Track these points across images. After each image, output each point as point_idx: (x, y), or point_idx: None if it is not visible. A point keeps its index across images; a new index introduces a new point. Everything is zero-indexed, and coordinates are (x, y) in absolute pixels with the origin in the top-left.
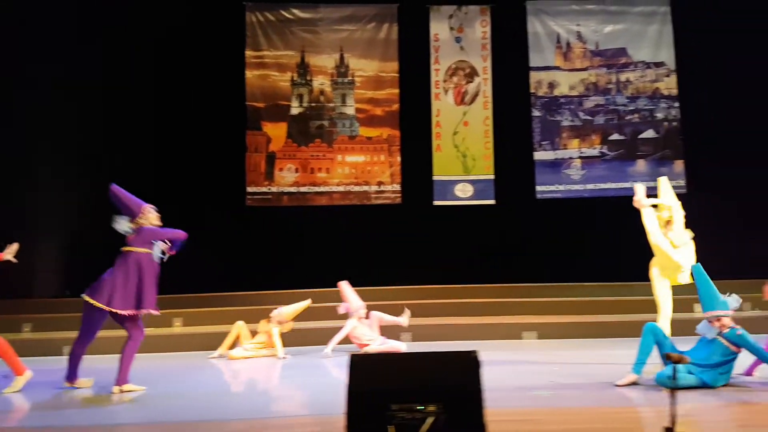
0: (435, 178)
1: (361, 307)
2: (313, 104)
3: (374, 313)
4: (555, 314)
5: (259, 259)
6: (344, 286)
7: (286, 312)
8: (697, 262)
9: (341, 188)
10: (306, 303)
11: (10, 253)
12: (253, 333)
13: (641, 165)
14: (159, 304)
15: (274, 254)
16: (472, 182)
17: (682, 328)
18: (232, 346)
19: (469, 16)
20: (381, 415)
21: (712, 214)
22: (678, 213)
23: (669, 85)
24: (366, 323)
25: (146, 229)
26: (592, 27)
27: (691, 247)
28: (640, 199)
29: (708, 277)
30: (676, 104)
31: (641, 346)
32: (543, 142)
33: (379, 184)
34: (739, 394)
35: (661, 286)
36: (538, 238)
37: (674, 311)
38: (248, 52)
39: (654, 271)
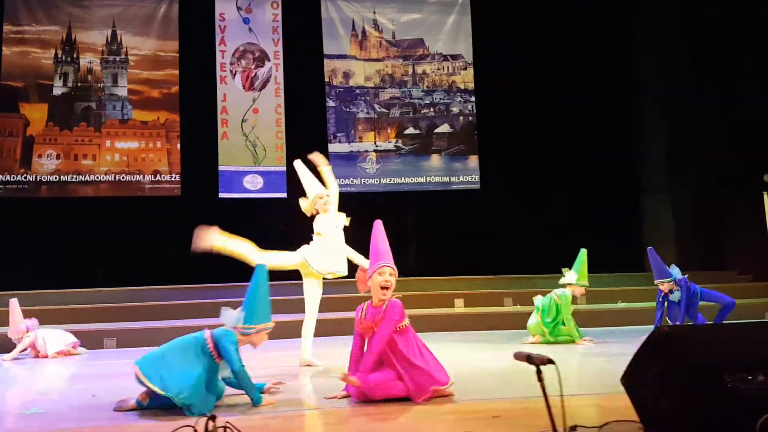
0: (221, 168)
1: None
2: (79, 84)
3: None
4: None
5: (9, 257)
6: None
7: None
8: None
9: (110, 177)
10: None
11: None
12: None
13: (436, 160)
14: None
15: (28, 251)
16: (262, 173)
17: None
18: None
19: None
20: None
21: (504, 210)
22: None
23: (466, 78)
24: (53, 332)
25: None
26: (389, 15)
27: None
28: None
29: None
30: (472, 98)
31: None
32: (338, 134)
33: (155, 173)
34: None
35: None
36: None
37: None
38: (6, 27)
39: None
